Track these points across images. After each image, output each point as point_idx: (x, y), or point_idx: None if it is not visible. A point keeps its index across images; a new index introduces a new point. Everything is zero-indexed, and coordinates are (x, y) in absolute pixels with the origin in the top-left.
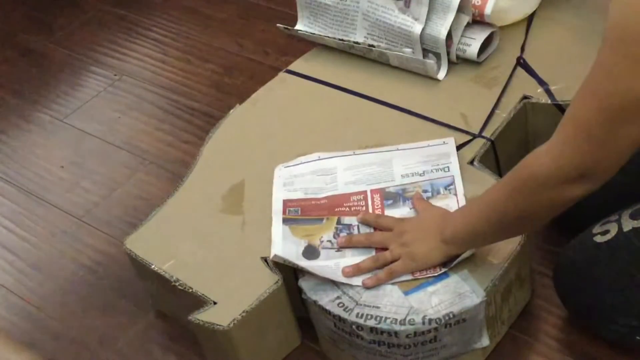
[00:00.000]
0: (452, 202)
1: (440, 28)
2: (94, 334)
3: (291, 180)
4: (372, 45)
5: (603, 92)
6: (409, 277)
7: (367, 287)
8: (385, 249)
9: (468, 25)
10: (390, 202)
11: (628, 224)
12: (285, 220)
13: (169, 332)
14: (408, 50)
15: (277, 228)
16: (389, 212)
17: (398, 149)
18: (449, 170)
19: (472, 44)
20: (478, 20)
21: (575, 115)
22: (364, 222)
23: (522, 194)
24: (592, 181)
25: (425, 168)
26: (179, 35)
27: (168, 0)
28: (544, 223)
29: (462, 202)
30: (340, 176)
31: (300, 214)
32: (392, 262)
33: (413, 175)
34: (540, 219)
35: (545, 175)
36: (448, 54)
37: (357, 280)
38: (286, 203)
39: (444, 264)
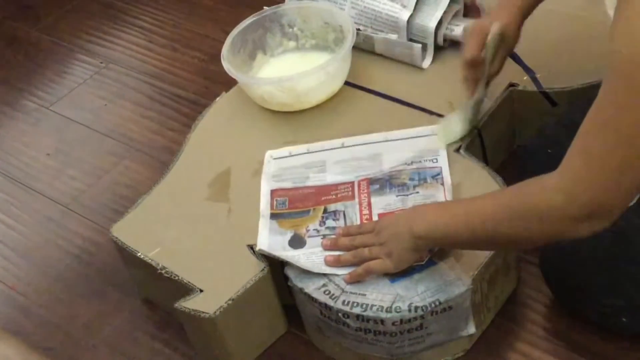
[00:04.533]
0: (438, 192)
1: (430, 18)
2: (80, 321)
3: (279, 172)
4: (358, 29)
5: (618, 127)
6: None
7: (346, 283)
8: None
9: (458, 11)
10: (376, 187)
11: None
12: (272, 215)
13: (156, 320)
14: (394, 35)
15: (264, 222)
16: (375, 199)
17: (387, 139)
18: (437, 162)
19: (460, 24)
20: (469, 6)
21: (587, 150)
22: (347, 235)
23: (524, 221)
24: (601, 221)
25: (414, 160)
26: (165, 22)
27: None
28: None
29: (449, 192)
30: (329, 168)
31: (288, 206)
32: (370, 259)
33: (401, 165)
34: (533, 245)
35: (553, 209)
36: (435, 38)
37: (341, 270)
38: (274, 193)
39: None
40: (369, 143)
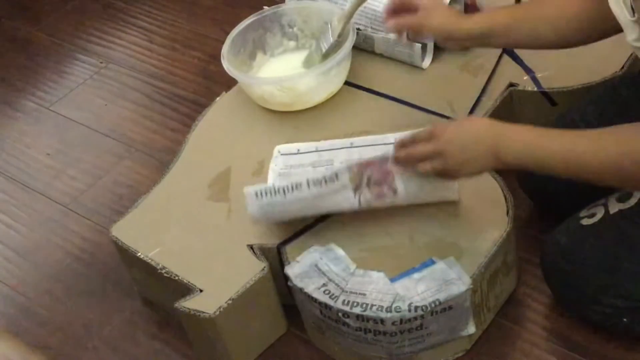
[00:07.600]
0: None
1: None
2: (80, 321)
3: (287, 170)
4: (358, 29)
5: None
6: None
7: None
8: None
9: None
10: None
11: (614, 207)
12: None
13: (155, 320)
14: (394, 35)
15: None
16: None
17: (395, 139)
18: None
19: None
20: (469, 5)
21: None
22: (402, 147)
23: (636, 172)
24: None
25: None
26: (165, 22)
27: None
28: None
29: None
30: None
31: None
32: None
33: None
34: None
35: None
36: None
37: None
38: None
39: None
40: (379, 144)
